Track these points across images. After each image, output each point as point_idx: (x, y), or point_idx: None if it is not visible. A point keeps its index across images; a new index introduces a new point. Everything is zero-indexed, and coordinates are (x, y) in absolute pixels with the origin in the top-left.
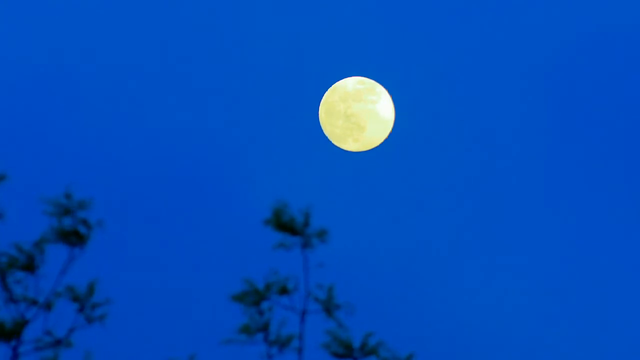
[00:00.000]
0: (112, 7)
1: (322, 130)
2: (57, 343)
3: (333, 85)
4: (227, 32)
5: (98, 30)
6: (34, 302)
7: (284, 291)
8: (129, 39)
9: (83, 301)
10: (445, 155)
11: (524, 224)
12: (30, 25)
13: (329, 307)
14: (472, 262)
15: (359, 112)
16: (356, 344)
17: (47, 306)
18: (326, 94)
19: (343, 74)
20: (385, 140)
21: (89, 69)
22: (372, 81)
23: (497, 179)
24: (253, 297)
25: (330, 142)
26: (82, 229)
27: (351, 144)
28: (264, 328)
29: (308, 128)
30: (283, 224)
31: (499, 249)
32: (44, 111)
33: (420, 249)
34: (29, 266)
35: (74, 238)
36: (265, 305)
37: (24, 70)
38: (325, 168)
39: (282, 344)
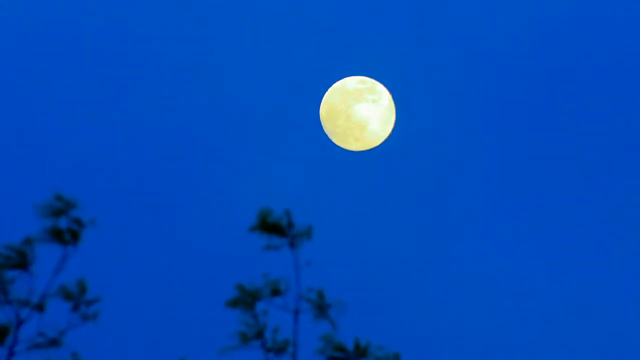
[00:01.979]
0: (111, 8)
1: (323, 130)
2: (51, 343)
3: (333, 85)
4: (227, 32)
5: (85, 30)
6: (27, 303)
7: (276, 292)
8: (119, 37)
9: (76, 299)
10: (446, 155)
11: (523, 225)
12: (13, 25)
13: (321, 306)
14: (472, 263)
15: (359, 112)
16: (349, 344)
17: (41, 306)
18: (327, 93)
19: (343, 74)
20: (386, 140)
21: (74, 68)
22: (373, 80)
23: (497, 179)
24: (246, 301)
25: (331, 141)
26: (74, 227)
27: (352, 143)
28: (260, 335)
29: (309, 128)
30: (269, 226)
31: (499, 249)
32: (29, 110)
33: (420, 248)
34: (22, 264)
35: (67, 236)
36: (259, 307)
37: (6, 70)
38: (326, 168)
39: (278, 349)
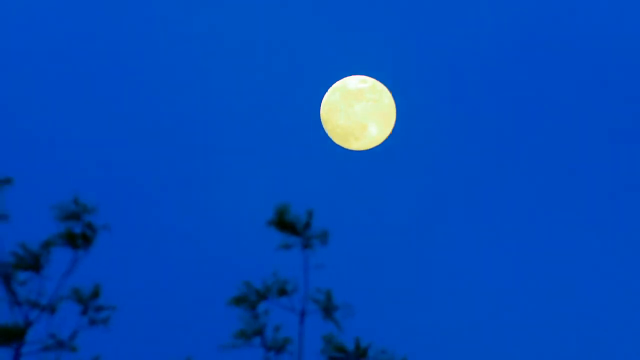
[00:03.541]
0: (122, 9)
1: (323, 130)
2: (60, 345)
3: (334, 85)
4: (228, 32)
5: (104, 33)
6: (37, 305)
7: (283, 292)
8: (134, 42)
9: (87, 303)
10: (447, 154)
11: (527, 224)
12: (36, 26)
13: (328, 308)
14: (474, 262)
15: (360, 111)
16: (353, 346)
17: (51, 309)
18: (327, 93)
19: (344, 73)
20: (387, 139)
21: (94, 73)
22: (373, 79)
23: (498, 178)
24: (252, 299)
25: (332, 141)
26: (87, 232)
27: (353, 142)
28: (260, 332)
29: (310, 127)
30: (286, 223)
31: (500, 249)
32: (49, 115)
33: (420, 248)
34: (35, 266)
35: (79, 241)
36: (262, 307)
37: (30, 74)
38: (327, 167)
39: (279, 347)
